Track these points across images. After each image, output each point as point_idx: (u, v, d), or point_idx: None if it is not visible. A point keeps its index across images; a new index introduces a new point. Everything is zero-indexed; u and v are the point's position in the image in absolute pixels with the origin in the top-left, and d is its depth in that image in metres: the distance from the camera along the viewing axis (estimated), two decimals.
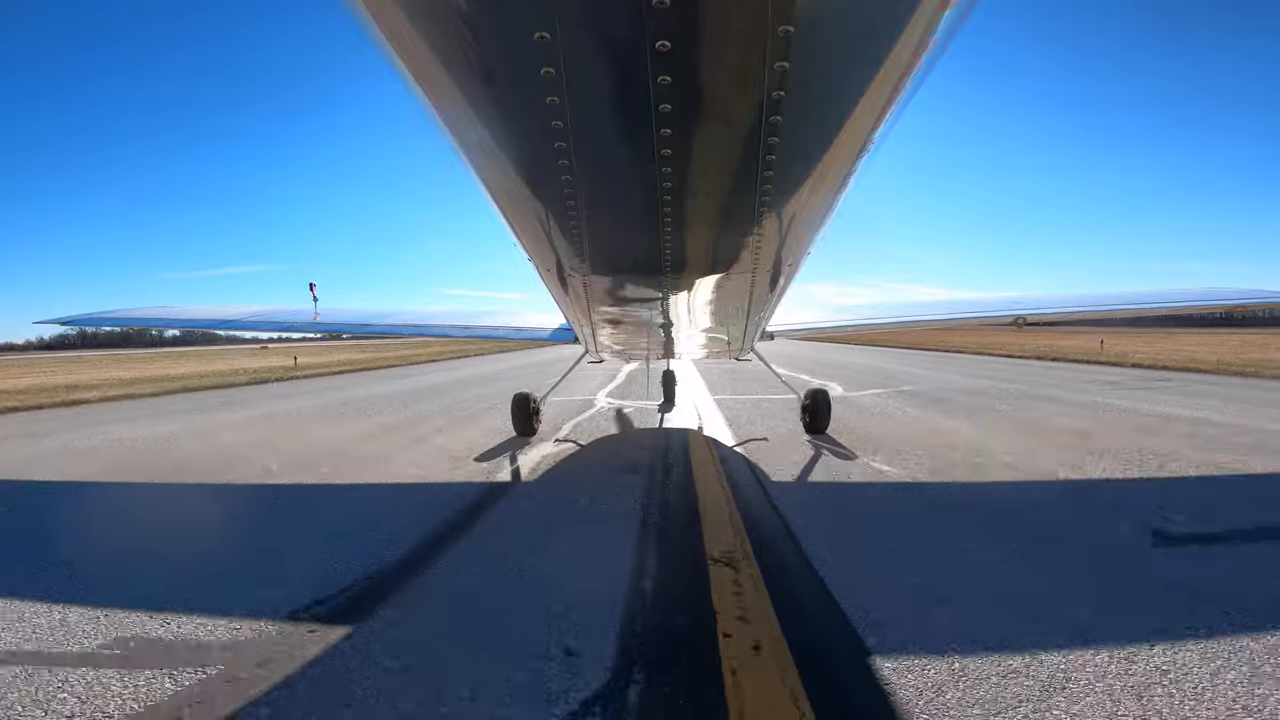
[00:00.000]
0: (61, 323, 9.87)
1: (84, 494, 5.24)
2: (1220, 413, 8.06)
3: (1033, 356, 21.37)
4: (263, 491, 5.10)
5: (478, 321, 9.16)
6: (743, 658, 2.22)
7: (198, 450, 7.07)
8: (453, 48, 1.58)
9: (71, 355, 76.07)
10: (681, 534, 3.68)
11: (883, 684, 2.05)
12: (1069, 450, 5.84)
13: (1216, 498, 4.34)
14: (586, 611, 2.62)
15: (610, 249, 3.00)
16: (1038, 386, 11.80)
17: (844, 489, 4.75)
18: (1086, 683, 2.02)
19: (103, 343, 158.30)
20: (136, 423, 9.65)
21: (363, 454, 6.50)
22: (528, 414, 7.20)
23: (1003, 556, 3.17)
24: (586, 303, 4.14)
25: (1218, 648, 2.21)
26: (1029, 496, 4.44)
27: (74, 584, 3.05)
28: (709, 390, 11.58)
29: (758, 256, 3.02)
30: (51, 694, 2.07)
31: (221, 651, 2.35)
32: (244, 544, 3.70)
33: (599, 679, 2.11)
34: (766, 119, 1.79)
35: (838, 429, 7.10)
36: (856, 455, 5.80)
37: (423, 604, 2.77)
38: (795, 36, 1.48)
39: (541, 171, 2.16)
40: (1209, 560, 3.11)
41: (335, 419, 9.47)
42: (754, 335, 6.05)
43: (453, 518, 4.09)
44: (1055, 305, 8.29)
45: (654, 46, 1.50)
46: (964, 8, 1.52)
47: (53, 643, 2.45)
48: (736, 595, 2.76)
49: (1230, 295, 8.51)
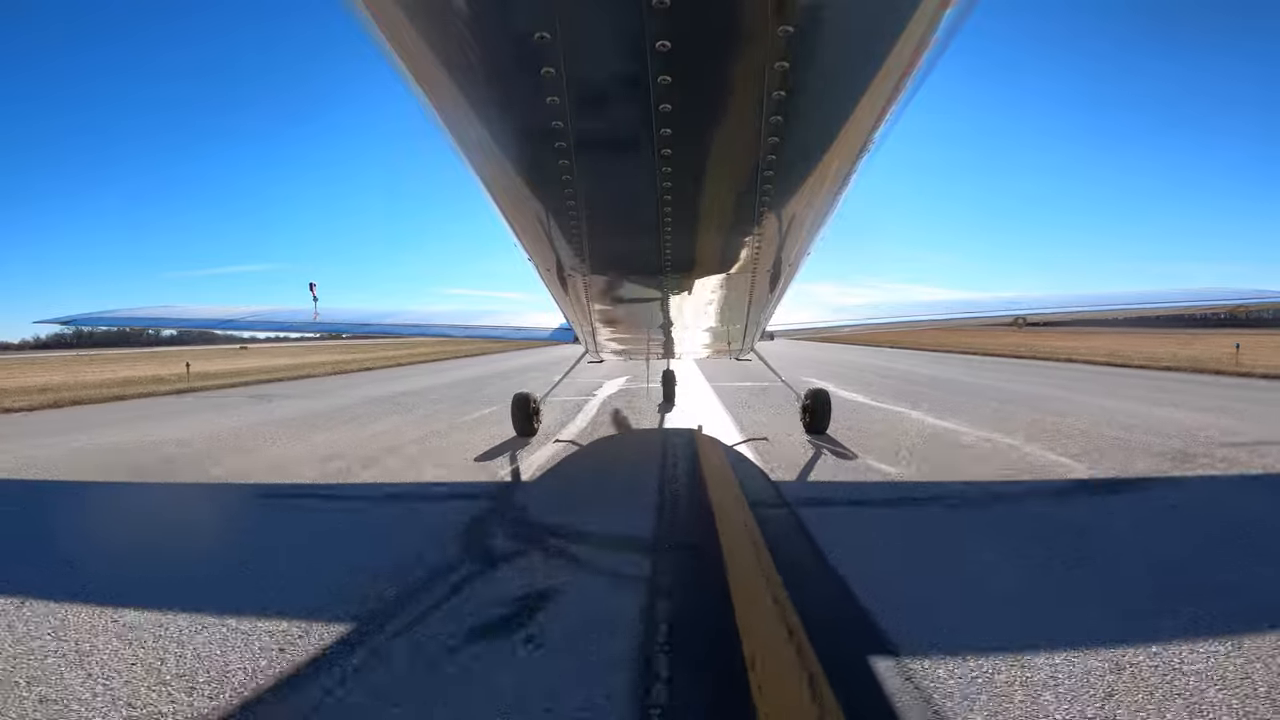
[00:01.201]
0: (62, 322, 9.87)
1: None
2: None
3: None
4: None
5: (477, 321, 9.16)
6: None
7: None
8: (453, 48, 1.58)
9: (69, 354, 75.06)
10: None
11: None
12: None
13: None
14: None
15: (610, 249, 3.00)
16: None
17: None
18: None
19: (99, 342, 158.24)
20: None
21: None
22: (528, 414, 7.20)
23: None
24: (586, 302, 4.14)
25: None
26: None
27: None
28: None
29: (758, 256, 3.02)
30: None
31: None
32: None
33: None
34: (767, 119, 1.78)
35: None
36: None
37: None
38: (795, 36, 1.47)
39: (541, 171, 2.16)
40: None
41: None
42: (754, 335, 6.05)
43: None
44: (1056, 305, 8.28)
45: (654, 47, 1.49)
46: (964, 8, 1.52)
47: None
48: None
49: (1231, 295, 8.49)
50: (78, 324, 9.39)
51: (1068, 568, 3.02)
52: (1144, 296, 8.25)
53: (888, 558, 3.23)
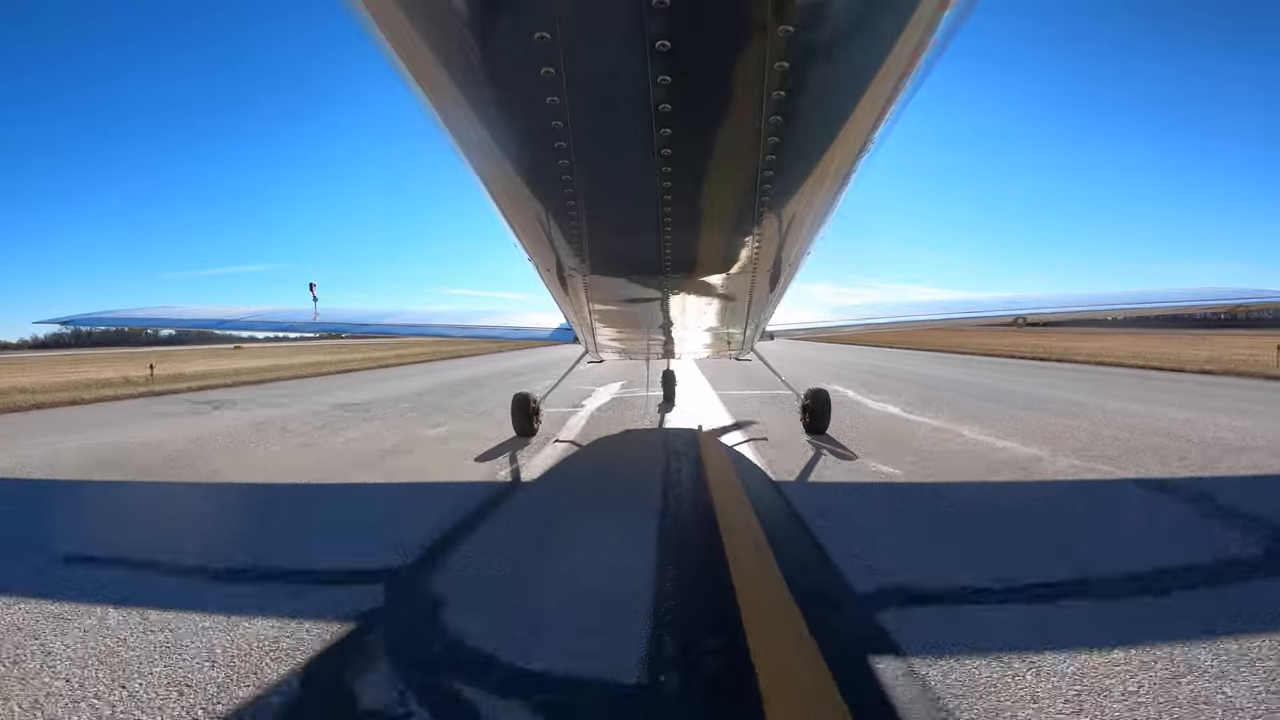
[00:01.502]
0: (62, 322, 9.87)
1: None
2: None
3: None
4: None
5: (477, 321, 9.14)
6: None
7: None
8: (453, 48, 1.57)
9: (66, 354, 73.95)
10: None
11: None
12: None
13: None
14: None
15: (610, 249, 2.99)
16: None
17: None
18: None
19: (98, 341, 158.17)
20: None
21: None
22: (528, 414, 7.21)
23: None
24: (586, 302, 4.14)
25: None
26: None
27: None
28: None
29: (758, 256, 3.01)
30: None
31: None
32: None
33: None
34: (766, 119, 1.78)
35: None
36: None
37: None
38: (795, 36, 1.47)
39: (541, 171, 2.16)
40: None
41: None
42: (754, 335, 6.04)
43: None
44: (1056, 305, 8.28)
45: (654, 46, 1.49)
46: (964, 8, 1.52)
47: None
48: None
49: (1231, 295, 8.48)
50: (77, 324, 9.37)
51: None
52: (1143, 296, 8.24)
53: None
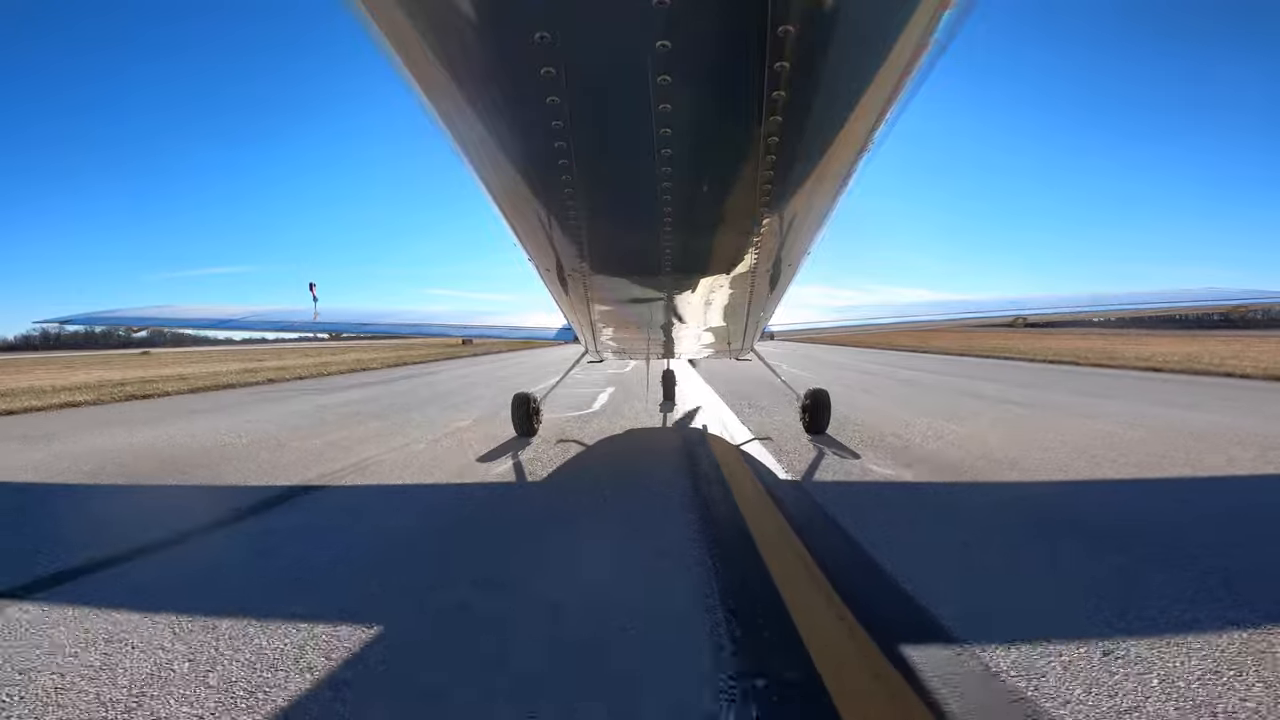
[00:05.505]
0: (61, 322, 9.85)
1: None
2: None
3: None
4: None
5: (477, 321, 9.12)
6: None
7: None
8: (453, 48, 1.57)
9: (55, 355, 72.62)
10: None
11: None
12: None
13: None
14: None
15: (610, 249, 2.99)
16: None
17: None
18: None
19: (98, 342, 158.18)
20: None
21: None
22: (528, 414, 7.21)
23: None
24: (586, 303, 4.14)
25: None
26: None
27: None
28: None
29: (758, 256, 3.01)
30: None
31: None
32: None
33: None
34: (766, 119, 1.78)
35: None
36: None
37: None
38: (795, 36, 1.47)
39: (541, 171, 2.16)
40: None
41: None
42: (754, 335, 6.05)
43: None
44: (1056, 305, 8.27)
45: (654, 46, 1.49)
46: (964, 7, 1.52)
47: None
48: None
49: (1231, 295, 8.47)
50: (77, 324, 9.36)
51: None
52: (1142, 297, 8.23)
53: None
